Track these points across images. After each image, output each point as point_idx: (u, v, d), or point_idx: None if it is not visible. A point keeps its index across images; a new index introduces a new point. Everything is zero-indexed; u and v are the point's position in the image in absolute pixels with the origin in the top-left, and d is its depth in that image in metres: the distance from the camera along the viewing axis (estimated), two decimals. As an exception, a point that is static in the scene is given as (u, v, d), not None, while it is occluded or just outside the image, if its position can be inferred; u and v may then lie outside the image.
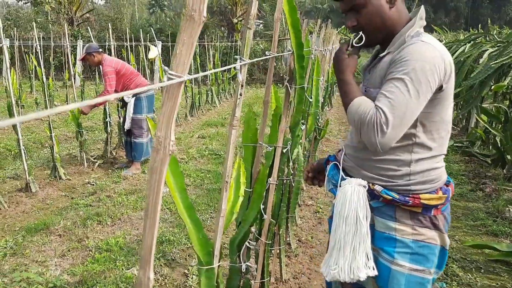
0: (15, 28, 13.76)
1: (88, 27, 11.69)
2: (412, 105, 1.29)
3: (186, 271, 3.17)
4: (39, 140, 6.89)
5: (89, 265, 3.16)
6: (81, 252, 3.40)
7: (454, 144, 6.91)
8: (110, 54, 6.50)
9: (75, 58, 12.63)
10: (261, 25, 20.37)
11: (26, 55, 12.47)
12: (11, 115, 4.72)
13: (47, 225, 3.80)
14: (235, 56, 2.19)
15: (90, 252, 3.38)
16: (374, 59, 1.58)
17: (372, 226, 1.51)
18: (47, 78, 9.41)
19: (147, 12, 37.84)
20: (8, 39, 12.78)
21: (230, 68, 12.31)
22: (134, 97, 5.23)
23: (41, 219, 3.95)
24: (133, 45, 11.38)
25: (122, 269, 3.13)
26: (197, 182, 5.08)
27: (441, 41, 9.58)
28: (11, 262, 3.21)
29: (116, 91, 5.19)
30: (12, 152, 6.13)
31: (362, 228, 1.46)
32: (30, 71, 11.55)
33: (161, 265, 3.23)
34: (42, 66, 5.65)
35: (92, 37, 9.12)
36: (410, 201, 1.42)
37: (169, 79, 0.82)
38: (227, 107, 11.24)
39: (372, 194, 1.48)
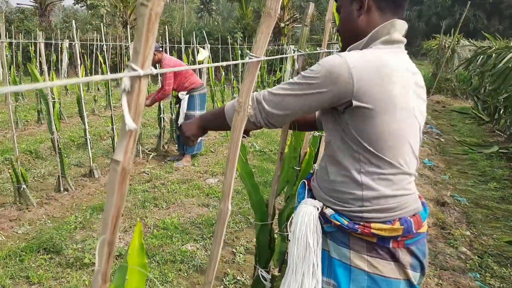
0: (74, 30, 14.65)
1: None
2: (298, 96, 1.28)
3: (234, 250, 3.49)
4: (98, 134, 7.44)
5: (148, 240, 3.53)
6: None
7: (499, 150, 6.91)
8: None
9: (128, 59, 13.31)
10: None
11: (84, 55, 13.31)
12: (80, 107, 5.22)
13: (110, 206, 4.23)
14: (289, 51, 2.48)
15: (149, 229, 3.77)
16: None
17: (328, 252, 1.44)
18: (109, 81, 10.08)
19: (196, 16, 38.90)
20: (67, 40, 13.66)
21: (276, 71, 12.54)
22: (188, 95, 5.63)
23: (104, 201, 4.37)
24: (183, 48, 11.90)
25: (178, 244, 3.49)
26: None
27: (490, 48, 9.47)
28: (82, 234, 3.64)
29: (172, 89, 5.62)
30: (75, 143, 6.69)
31: (311, 253, 1.42)
32: (88, 71, 12.32)
33: (211, 243, 3.55)
34: (99, 67, 6.16)
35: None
36: (359, 229, 1.33)
37: (250, 59, 1.12)
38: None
39: (325, 218, 1.41)
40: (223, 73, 9.13)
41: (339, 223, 1.36)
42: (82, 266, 3.13)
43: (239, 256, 3.38)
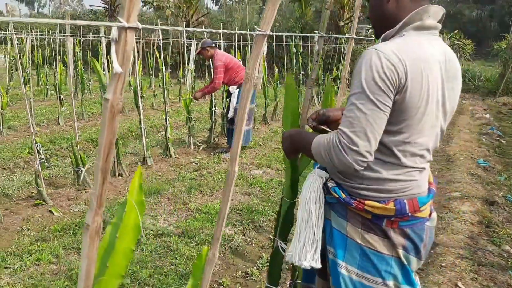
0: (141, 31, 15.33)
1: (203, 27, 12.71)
2: (371, 116, 1.27)
3: (270, 236, 3.60)
4: (155, 126, 7.81)
5: (190, 222, 3.72)
6: (185, 212, 4.00)
7: None
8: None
9: (189, 57, 13.80)
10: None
11: (147, 54, 13.93)
12: (136, 98, 5.55)
13: (159, 190, 4.48)
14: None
15: (192, 213, 3.96)
16: None
17: (330, 222, 1.52)
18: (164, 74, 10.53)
19: (257, 17, 39.32)
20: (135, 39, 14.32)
21: (332, 69, 12.42)
22: (239, 89, 5.80)
23: (154, 186, 4.64)
24: (241, 45, 12.16)
25: (217, 228, 3.65)
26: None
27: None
28: (130, 214, 3.90)
29: (223, 83, 5.82)
30: (133, 133, 7.09)
31: (311, 218, 1.50)
32: (150, 68, 12.90)
33: (249, 229, 3.69)
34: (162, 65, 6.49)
35: (205, 37, 10.00)
36: (354, 204, 1.40)
37: (258, 33, 1.23)
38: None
39: (327, 189, 1.49)
40: (277, 70, 9.24)
41: (337, 196, 1.44)
42: (128, 241, 3.37)
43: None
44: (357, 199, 1.41)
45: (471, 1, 37.21)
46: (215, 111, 6.58)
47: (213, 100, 6.55)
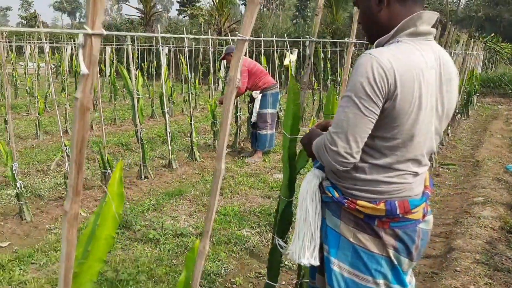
0: (172, 39, 15.72)
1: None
2: (353, 120, 1.32)
3: (287, 238, 3.64)
4: (183, 131, 8.01)
5: (209, 223, 3.82)
6: (204, 214, 4.11)
7: None
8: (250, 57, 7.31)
9: (220, 64, 14.02)
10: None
11: (180, 61, 14.25)
12: (162, 103, 5.73)
13: (181, 192, 4.62)
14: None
15: (214, 214, 4.06)
16: None
17: (325, 220, 1.58)
18: (194, 81, 10.78)
19: (291, 23, 39.48)
20: (167, 47, 14.75)
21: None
22: (261, 94, 5.89)
23: (177, 188, 4.78)
24: (270, 52, 12.25)
25: (234, 229, 3.74)
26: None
27: None
28: (152, 214, 4.05)
29: (246, 88, 5.93)
30: (161, 138, 7.30)
31: (309, 217, 1.55)
32: (182, 75, 13.20)
33: (266, 231, 3.75)
34: (192, 71, 6.66)
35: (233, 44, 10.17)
36: (346, 204, 1.45)
37: (238, 38, 1.31)
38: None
39: (322, 188, 1.56)
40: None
41: (331, 195, 1.50)
42: (147, 240, 3.51)
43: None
44: (350, 198, 1.45)
45: (512, 3, 35.97)
46: (240, 116, 6.69)
47: (238, 105, 6.66)
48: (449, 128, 7.23)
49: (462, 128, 8.91)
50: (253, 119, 5.98)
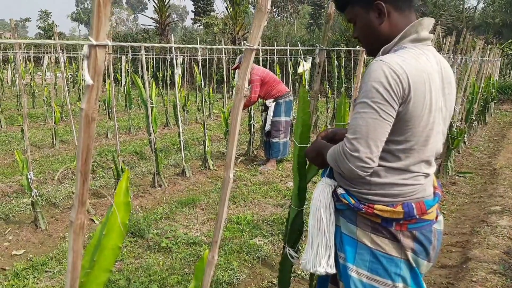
0: (186, 49, 15.86)
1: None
2: (373, 125, 1.33)
3: (300, 247, 3.61)
4: (197, 139, 8.04)
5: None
6: (217, 222, 4.10)
7: None
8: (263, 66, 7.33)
9: (234, 73, 14.08)
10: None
11: (194, 70, 14.35)
12: (175, 111, 5.77)
13: (194, 201, 4.62)
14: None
15: (223, 223, 4.05)
16: None
17: (339, 228, 1.57)
18: (208, 90, 10.83)
19: (305, 31, 39.51)
20: (181, 56, 14.88)
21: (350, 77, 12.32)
22: (275, 102, 5.89)
23: (190, 196, 4.79)
24: (284, 60, 12.27)
25: (247, 237, 3.72)
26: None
27: None
28: (165, 223, 4.05)
29: (259, 97, 5.94)
30: (175, 146, 7.34)
31: (322, 225, 1.55)
32: (197, 84, 13.27)
33: (279, 240, 3.73)
34: (206, 80, 6.70)
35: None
36: (363, 209, 1.45)
37: (246, 47, 1.31)
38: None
39: (336, 196, 1.55)
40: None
41: (347, 202, 1.50)
42: (160, 249, 3.51)
43: (302, 253, 3.50)
44: (366, 204, 1.46)
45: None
46: (253, 124, 6.69)
47: (252, 113, 6.67)
48: (465, 135, 7.12)
49: (479, 136, 8.78)
50: (267, 127, 5.98)
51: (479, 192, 5.05)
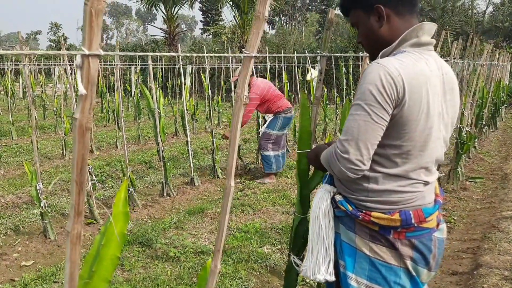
0: (195, 58, 15.95)
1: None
2: (364, 127, 1.33)
3: (305, 254, 3.58)
4: (206, 148, 8.06)
5: (230, 241, 3.80)
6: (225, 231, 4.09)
7: None
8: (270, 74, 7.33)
9: (235, 85, 14.10)
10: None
11: (204, 78, 14.43)
12: (183, 121, 5.78)
13: (203, 210, 4.62)
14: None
15: (232, 232, 4.04)
16: None
17: (339, 235, 1.56)
18: (217, 98, 10.87)
19: (313, 38, 39.55)
20: (190, 65, 14.97)
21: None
22: (274, 116, 5.77)
23: (199, 205, 4.79)
24: (293, 67, 12.28)
25: (255, 246, 3.70)
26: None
27: None
28: (173, 232, 4.05)
29: (260, 112, 5.94)
30: (184, 155, 7.35)
31: (322, 232, 1.54)
32: (206, 93, 13.33)
33: (287, 248, 3.70)
34: (215, 89, 6.72)
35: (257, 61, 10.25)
36: (360, 216, 1.44)
37: (244, 55, 1.31)
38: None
39: (335, 203, 1.54)
40: (325, 90, 9.24)
41: (345, 209, 1.49)
42: (168, 258, 3.50)
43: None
44: (364, 211, 1.45)
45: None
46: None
47: (260, 122, 6.66)
48: (476, 140, 7.04)
49: (489, 140, 8.67)
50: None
51: (490, 198, 4.98)
